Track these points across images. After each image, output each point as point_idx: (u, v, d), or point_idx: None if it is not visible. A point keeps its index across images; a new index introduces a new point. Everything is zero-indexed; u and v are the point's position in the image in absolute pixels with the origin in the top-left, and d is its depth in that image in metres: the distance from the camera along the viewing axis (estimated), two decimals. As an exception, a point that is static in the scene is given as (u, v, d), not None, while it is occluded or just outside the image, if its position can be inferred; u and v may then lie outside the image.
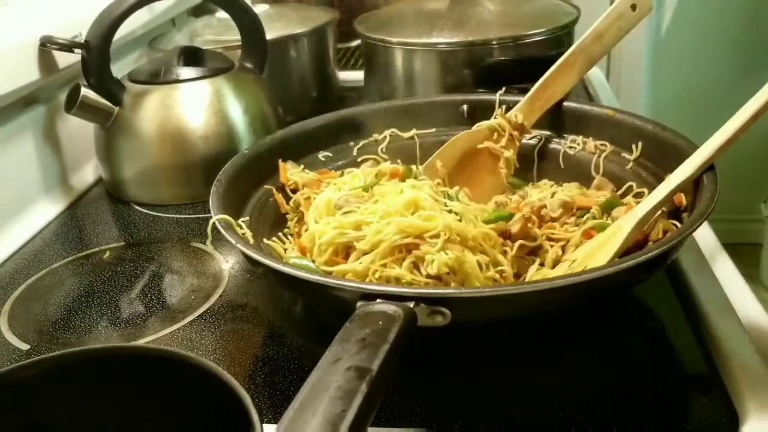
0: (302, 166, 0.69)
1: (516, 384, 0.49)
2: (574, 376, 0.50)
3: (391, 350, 0.36)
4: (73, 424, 0.38)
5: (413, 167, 0.69)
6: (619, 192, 0.64)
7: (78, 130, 0.86)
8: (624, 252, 0.52)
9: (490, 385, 0.49)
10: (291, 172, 0.67)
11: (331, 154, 0.72)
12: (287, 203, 0.65)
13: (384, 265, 0.52)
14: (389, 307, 0.41)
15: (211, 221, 0.54)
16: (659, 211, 0.56)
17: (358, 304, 0.42)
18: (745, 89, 0.56)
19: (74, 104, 0.77)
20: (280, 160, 0.67)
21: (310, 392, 0.33)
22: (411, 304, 0.42)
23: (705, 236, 0.67)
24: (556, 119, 0.71)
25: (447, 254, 0.51)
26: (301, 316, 0.60)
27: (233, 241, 0.51)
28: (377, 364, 0.35)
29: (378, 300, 0.42)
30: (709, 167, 0.54)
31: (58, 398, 0.38)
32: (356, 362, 0.35)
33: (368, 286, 0.45)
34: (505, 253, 0.56)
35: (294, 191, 0.66)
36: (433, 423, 0.46)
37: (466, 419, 0.46)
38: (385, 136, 0.73)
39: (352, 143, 0.73)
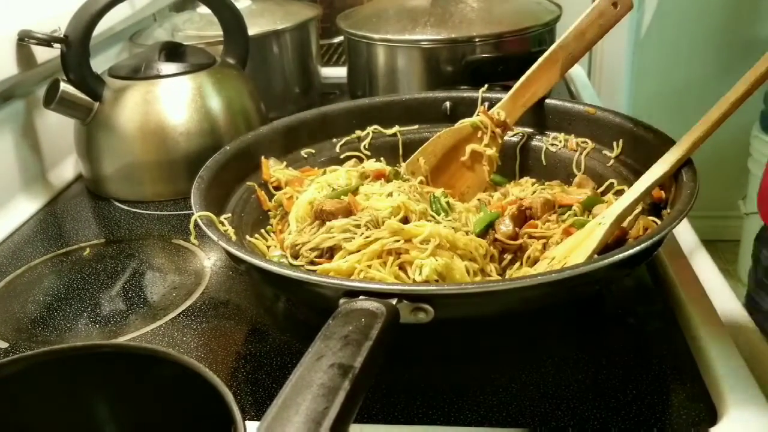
0: (285, 162, 0.69)
1: (497, 380, 0.49)
2: (554, 372, 0.50)
3: (373, 347, 0.36)
4: (52, 422, 0.38)
5: (399, 168, 0.69)
6: (600, 189, 0.64)
7: (57, 126, 0.85)
8: (603, 248, 0.53)
9: (471, 382, 0.49)
10: (273, 169, 0.67)
11: (313, 151, 0.72)
12: (270, 200, 0.65)
13: (369, 266, 0.52)
14: (372, 304, 0.41)
15: (193, 218, 0.54)
16: (638, 208, 0.56)
17: (341, 301, 0.42)
18: (726, 87, 0.56)
19: (53, 99, 0.76)
20: (262, 157, 0.67)
21: (293, 390, 0.33)
22: (394, 301, 0.42)
23: (684, 233, 0.67)
24: (538, 116, 0.71)
25: (437, 260, 0.51)
26: (283, 313, 0.60)
27: (215, 239, 0.51)
28: (360, 361, 0.35)
29: (361, 297, 0.42)
30: (688, 164, 0.55)
31: (37, 397, 0.38)
32: (339, 359, 0.35)
33: (351, 283, 0.45)
34: (492, 258, 0.57)
35: (277, 188, 0.66)
36: (415, 419, 0.46)
37: (447, 415, 0.46)
38: (368, 133, 0.73)
39: (335, 140, 0.73)
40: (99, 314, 0.60)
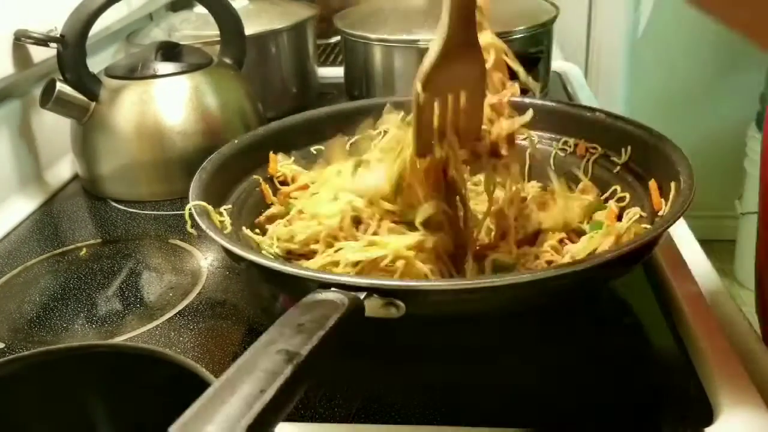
0: (293, 158, 0.69)
1: (495, 380, 0.49)
2: (549, 371, 0.50)
3: (326, 337, 0.36)
4: (49, 422, 0.38)
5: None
6: (604, 196, 0.63)
7: (54, 126, 0.84)
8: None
9: (470, 382, 0.49)
10: (281, 164, 0.67)
11: (323, 148, 0.71)
12: (274, 194, 0.65)
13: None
14: (336, 296, 0.41)
15: (188, 206, 0.54)
16: (636, 216, 0.56)
17: (312, 292, 0.42)
18: (722, 88, 0.57)
19: (50, 99, 0.76)
20: (271, 152, 0.67)
21: (237, 372, 0.33)
22: (362, 295, 0.42)
23: (681, 232, 0.67)
24: (548, 120, 0.70)
25: None
26: (280, 313, 0.59)
27: (204, 227, 0.51)
28: (307, 349, 0.35)
29: (332, 288, 0.42)
30: (685, 166, 0.55)
31: (33, 397, 0.38)
32: (288, 346, 0.35)
33: (324, 276, 0.45)
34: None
35: (282, 183, 0.66)
36: (412, 418, 0.46)
37: (446, 415, 0.46)
38: (380, 132, 0.73)
39: (346, 138, 0.72)
40: (95, 314, 0.60)
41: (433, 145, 0.52)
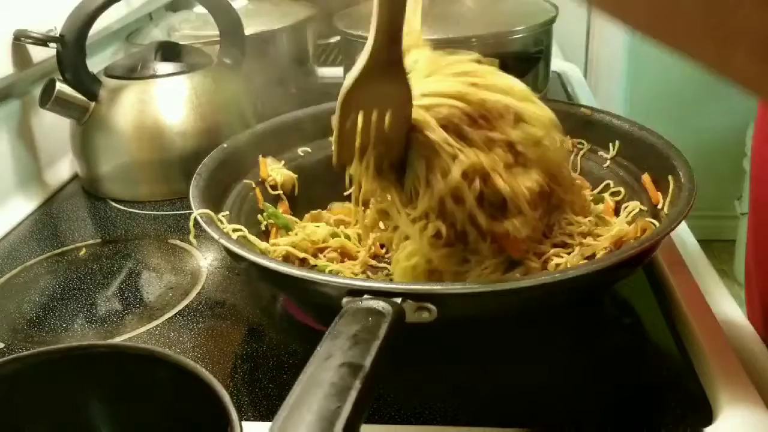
0: (282, 161, 0.68)
1: (496, 380, 0.49)
2: (552, 372, 0.50)
3: (382, 346, 0.36)
4: (48, 422, 0.38)
5: None
6: (596, 190, 0.64)
7: (53, 126, 0.84)
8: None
9: (470, 381, 0.49)
10: (271, 167, 0.67)
11: (310, 150, 0.71)
12: (265, 200, 0.65)
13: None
14: (378, 303, 0.41)
15: (193, 216, 0.54)
16: (636, 209, 0.56)
17: (345, 300, 0.42)
18: (722, 87, 0.57)
19: (49, 99, 0.76)
20: (260, 156, 0.67)
21: (304, 389, 0.33)
22: (398, 300, 0.42)
23: (681, 233, 0.67)
24: None
25: None
26: (280, 314, 0.59)
27: (216, 236, 0.51)
28: (370, 360, 0.35)
29: (365, 296, 0.42)
30: (686, 166, 0.55)
31: (33, 397, 0.38)
32: (348, 359, 0.35)
33: (355, 282, 0.45)
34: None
35: (273, 187, 0.66)
36: (413, 418, 0.46)
37: (446, 415, 0.46)
38: None
39: (331, 138, 0.72)
40: (95, 314, 0.60)
41: (351, 157, 0.52)
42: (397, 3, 0.44)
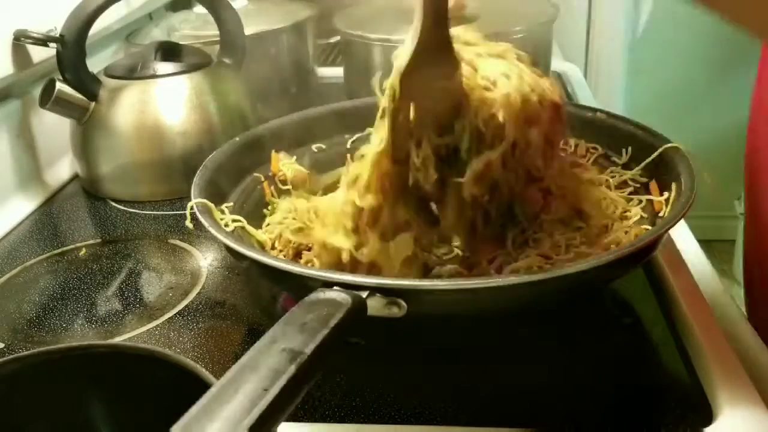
0: (294, 157, 0.68)
1: (495, 380, 0.49)
2: (551, 372, 0.50)
3: (329, 336, 0.37)
4: (48, 422, 0.38)
5: None
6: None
7: (53, 126, 0.84)
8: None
9: (469, 381, 0.49)
10: (282, 162, 0.67)
11: (324, 146, 0.71)
12: (274, 194, 0.65)
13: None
14: (339, 295, 0.41)
15: (189, 204, 0.54)
16: (636, 216, 0.56)
17: (316, 291, 0.42)
18: (722, 87, 0.57)
19: (49, 99, 0.76)
20: (273, 151, 0.67)
21: (239, 370, 0.33)
22: (364, 294, 0.42)
23: (681, 232, 0.67)
24: None
25: None
26: (280, 314, 0.59)
27: (206, 224, 0.51)
28: (311, 348, 0.35)
29: (335, 288, 0.42)
30: (685, 166, 0.55)
31: (32, 397, 0.38)
32: (291, 345, 0.35)
33: (326, 274, 0.45)
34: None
35: (283, 182, 0.66)
36: (412, 418, 0.46)
37: (445, 415, 0.46)
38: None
39: (347, 136, 0.72)
40: (95, 314, 0.60)
41: (408, 149, 0.50)
42: None
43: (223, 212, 0.57)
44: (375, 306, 0.43)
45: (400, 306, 0.43)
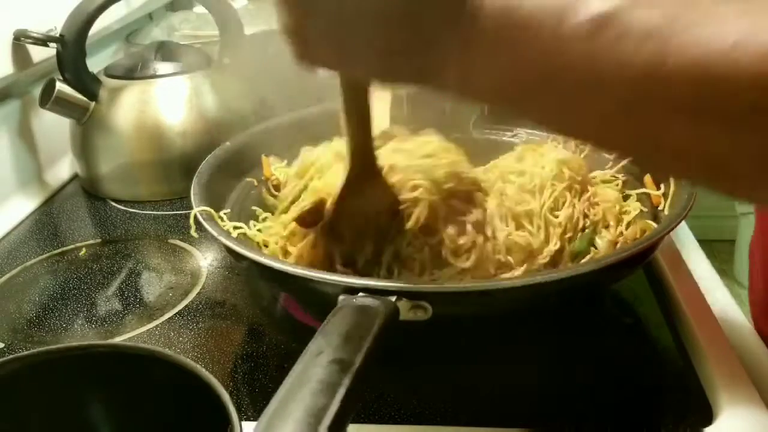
0: (285, 161, 0.68)
1: (495, 380, 0.49)
2: (552, 371, 0.50)
3: (373, 343, 0.36)
4: (48, 422, 0.38)
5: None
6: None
7: (53, 126, 0.84)
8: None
9: (469, 381, 0.49)
10: (274, 167, 0.67)
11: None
12: (271, 197, 0.65)
13: None
14: (372, 301, 0.41)
15: (193, 212, 0.54)
16: (636, 210, 0.56)
17: (341, 297, 0.42)
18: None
19: (49, 99, 0.76)
20: (263, 155, 0.67)
21: (292, 386, 0.33)
22: (393, 299, 0.42)
23: (681, 233, 0.67)
24: None
25: None
26: (280, 313, 0.59)
27: (215, 234, 0.51)
28: (360, 358, 0.35)
29: (360, 294, 0.42)
30: None
31: (32, 397, 0.38)
32: (339, 355, 0.35)
33: (350, 280, 0.45)
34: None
35: (276, 188, 0.66)
36: (412, 418, 0.46)
37: (445, 415, 0.46)
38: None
39: (336, 137, 0.72)
40: (95, 314, 0.60)
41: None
42: (364, 130, 0.49)
43: (222, 219, 0.57)
44: (403, 310, 0.42)
45: (426, 309, 0.43)
